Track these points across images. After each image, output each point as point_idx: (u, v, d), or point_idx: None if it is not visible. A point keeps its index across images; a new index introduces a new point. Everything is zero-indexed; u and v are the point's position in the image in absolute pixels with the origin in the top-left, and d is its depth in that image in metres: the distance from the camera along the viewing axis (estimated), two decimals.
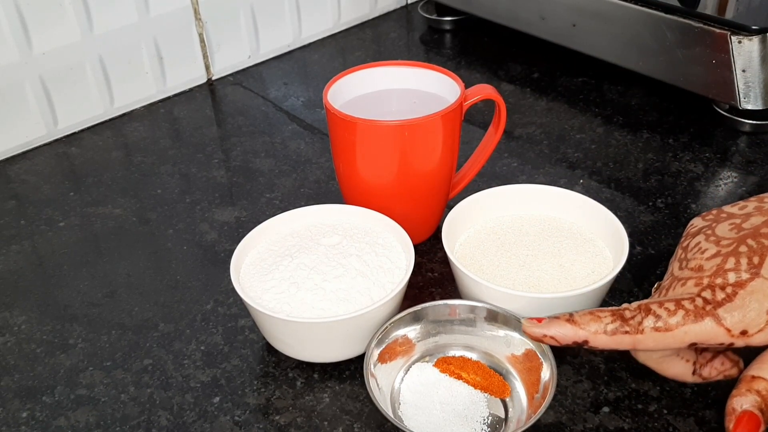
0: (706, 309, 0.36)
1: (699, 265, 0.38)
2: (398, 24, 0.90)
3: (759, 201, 0.41)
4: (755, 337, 0.35)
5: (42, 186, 0.64)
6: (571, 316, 0.37)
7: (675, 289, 0.38)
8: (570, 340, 0.37)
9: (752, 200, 0.41)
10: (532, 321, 0.38)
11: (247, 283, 0.46)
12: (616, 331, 0.36)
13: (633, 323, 0.36)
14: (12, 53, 0.64)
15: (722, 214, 0.41)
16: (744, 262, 0.36)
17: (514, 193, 0.52)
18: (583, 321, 0.37)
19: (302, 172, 0.64)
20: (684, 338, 0.36)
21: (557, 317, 0.38)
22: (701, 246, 0.39)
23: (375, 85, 0.55)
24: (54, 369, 0.47)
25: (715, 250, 0.38)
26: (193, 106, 0.75)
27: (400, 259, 0.47)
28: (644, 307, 0.37)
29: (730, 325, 0.35)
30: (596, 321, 0.37)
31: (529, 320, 0.38)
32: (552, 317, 0.38)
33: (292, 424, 0.43)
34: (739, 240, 0.38)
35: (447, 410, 0.42)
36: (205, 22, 0.76)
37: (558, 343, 0.38)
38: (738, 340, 0.35)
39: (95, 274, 0.54)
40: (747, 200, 0.42)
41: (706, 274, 0.37)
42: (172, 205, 0.61)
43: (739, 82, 0.62)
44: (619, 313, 0.37)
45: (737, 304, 0.35)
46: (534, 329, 0.38)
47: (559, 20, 0.73)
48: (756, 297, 0.35)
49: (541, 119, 0.70)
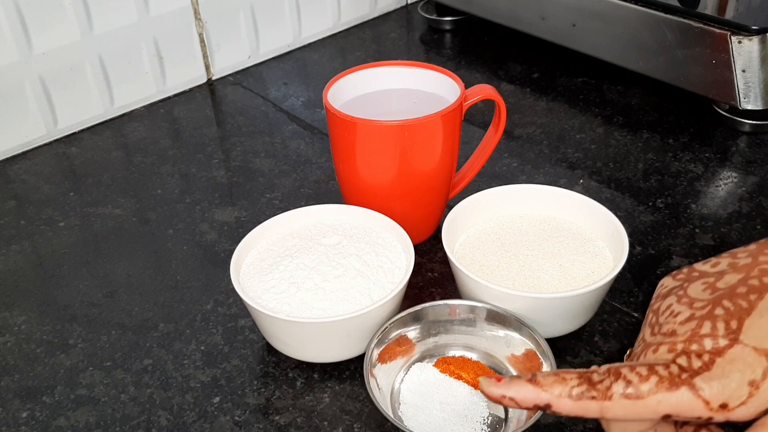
0: (682, 377, 0.32)
1: (672, 329, 0.35)
2: (398, 24, 0.90)
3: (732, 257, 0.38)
4: (736, 412, 0.31)
5: (42, 186, 0.64)
6: (534, 376, 0.34)
7: (647, 355, 0.35)
8: (531, 403, 0.34)
9: (724, 256, 0.38)
10: (491, 380, 0.34)
11: (247, 283, 0.46)
12: (582, 395, 0.33)
13: (601, 388, 0.33)
14: (12, 53, 0.64)
15: (694, 272, 0.38)
16: (721, 327, 0.33)
17: (514, 193, 0.52)
18: (547, 382, 0.33)
19: (302, 172, 0.64)
20: (657, 408, 0.32)
21: (519, 377, 0.34)
22: (673, 309, 0.36)
23: (375, 85, 0.55)
24: (54, 369, 0.47)
25: (688, 313, 0.35)
26: (193, 106, 0.75)
27: (400, 259, 0.47)
28: (614, 371, 0.33)
29: (709, 397, 0.31)
30: (561, 383, 0.33)
31: (487, 379, 0.35)
32: (513, 376, 0.34)
33: (292, 424, 0.43)
34: (714, 301, 0.35)
35: (447, 410, 0.42)
36: (205, 22, 0.76)
37: (518, 406, 0.34)
38: (717, 414, 0.32)
39: (95, 274, 0.54)
40: (719, 256, 0.39)
41: (680, 339, 0.34)
42: (172, 205, 0.61)
43: (739, 82, 0.62)
44: (586, 375, 0.33)
45: (716, 374, 0.32)
46: (492, 389, 0.34)
47: (559, 20, 0.73)
48: (736, 366, 0.32)
49: (541, 119, 0.70)
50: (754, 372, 0.31)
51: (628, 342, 0.46)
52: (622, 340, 0.47)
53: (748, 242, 0.54)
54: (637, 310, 0.49)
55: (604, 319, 0.48)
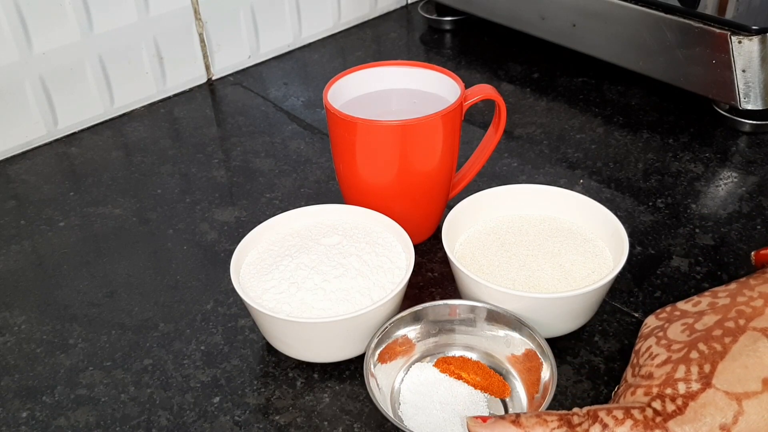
0: (656, 421, 0.33)
1: (649, 372, 0.36)
2: (398, 24, 0.90)
3: (713, 296, 0.39)
4: None
5: (42, 186, 0.64)
6: (518, 417, 0.35)
7: (626, 397, 0.36)
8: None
9: (706, 295, 0.39)
10: (477, 420, 0.36)
11: (247, 283, 0.46)
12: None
13: (579, 430, 0.34)
14: (12, 53, 0.64)
15: (675, 311, 0.39)
16: (695, 371, 0.34)
17: (514, 193, 0.52)
18: (529, 424, 0.35)
19: (302, 172, 0.64)
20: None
21: (503, 417, 0.36)
22: (652, 351, 0.37)
23: (375, 85, 0.55)
24: (54, 369, 0.47)
25: (665, 356, 0.36)
26: (193, 106, 0.75)
27: (400, 259, 0.47)
28: (592, 414, 0.35)
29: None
30: (542, 425, 0.35)
31: (474, 419, 0.36)
32: (498, 417, 0.36)
33: (292, 424, 0.43)
34: (690, 344, 0.36)
35: (447, 410, 0.42)
36: (205, 22, 0.76)
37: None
38: None
39: (95, 274, 0.54)
40: (701, 295, 0.39)
41: (656, 383, 0.35)
42: (172, 205, 0.61)
43: (739, 82, 0.62)
44: (566, 418, 0.35)
45: (688, 418, 0.33)
46: (478, 429, 0.36)
47: (559, 20, 0.73)
48: (708, 410, 0.33)
49: (541, 119, 0.70)
50: (725, 416, 0.32)
51: (628, 342, 0.46)
52: (622, 340, 0.47)
53: (749, 242, 0.54)
54: (637, 310, 0.49)
55: (604, 319, 0.48)
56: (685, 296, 0.49)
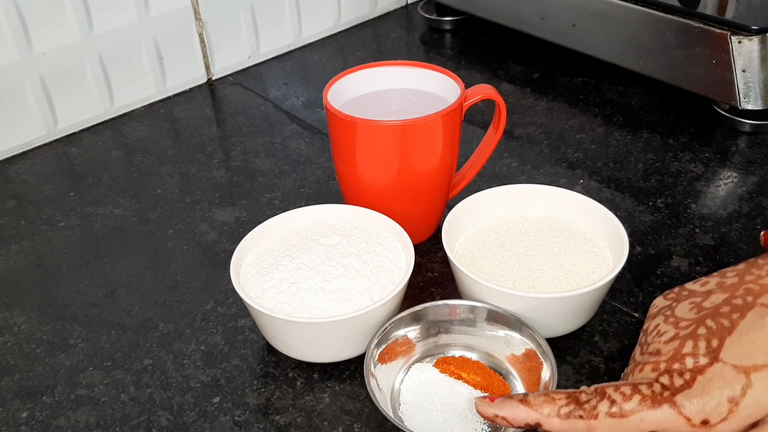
0: (664, 395, 0.34)
1: (657, 349, 0.36)
2: (398, 24, 0.90)
3: (721, 276, 0.39)
4: (718, 428, 0.33)
5: (42, 186, 0.64)
6: (526, 396, 0.36)
7: (634, 375, 0.36)
8: (522, 422, 0.36)
9: (715, 276, 0.39)
10: (485, 400, 0.37)
11: (247, 283, 0.46)
12: (570, 414, 0.35)
13: (587, 407, 0.35)
14: (12, 53, 0.64)
15: (684, 292, 0.39)
16: (702, 346, 0.34)
17: (514, 193, 0.52)
18: (537, 402, 0.35)
19: (302, 172, 0.64)
20: (641, 426, 0.34)
21: (511, 397, 0.36)
22: (660, 329, 0.37)
23: (375, 85, 0.55)
24: (54, 369, 0.47)
25: (673, 333, 0.36)
26: (193, 106, 0.75)
27: (400, 259, 0.47)
28: (600, 391, 0.35)
29: (690, 414, 0.33)
30: (550, 403, 0.35)
31: (482, 399, 0.37)
32: (506, 397, 0.37)
33: (292, 424, 0.43)
34: (698, 321, 0.36)
35: (447, 410, 0.42)
36: (205, 22, 0.76)
37: (511, 425, 0.36)
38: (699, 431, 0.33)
39: (95, 274, 0.54)
40: (710, 276, 0.40)
41: (663, 358, 0.35)
42: (172, 205, 0.61)
43: (739, 82, 0.62)
44: (574, 395, 0.36)
45: (696, 391, 0.33)
46: (486, 409, 0.37)
47: (559, 20, 0.73)
48: (716, 384, 0.33)
49: (541, 119, 0.70)
50: (734, 389, 0.32)
51: (628, 342, 0.46)
52: (622, 340, 0.47)
53: (749, 242, 0.54)
54: (637, 310, 0.49)
55: (604, 319, 0.48)
56: None
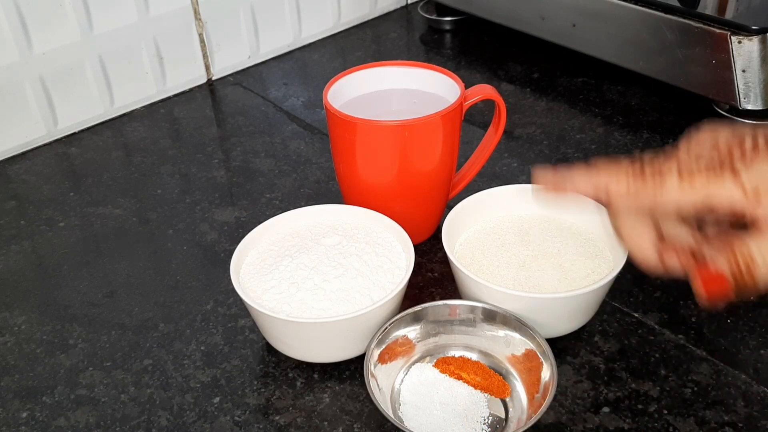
0: (724, 168, 0.35)
1: (713, 148, 0.37)
2: (398, 24, 0.90)
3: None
4: (764, 201, 0.34)
5: (42, 186, 0.64)
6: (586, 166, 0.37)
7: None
8: (591, 193, 0.38)
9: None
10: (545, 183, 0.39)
11: (247, 283, 0.46)
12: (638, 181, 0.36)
13: (655, 178, 0.36)
14: (12, 53, 0.64)
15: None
16: (762, 141, 0.35)
17: (514, 193, 0.52)
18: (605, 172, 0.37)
19: (302, 172, 0.64)
20: (705, 198, 0.35)
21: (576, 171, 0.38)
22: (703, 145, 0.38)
23: (375, 85, 0.55)
24: (54, 369, 0.47)
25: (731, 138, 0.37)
26: (193, 106, 0.75)
27: (400, 259, 0.47)
28: (664, 166, 0.36)
29: (746, 184, 0.34)
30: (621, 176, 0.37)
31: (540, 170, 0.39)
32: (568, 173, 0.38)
33: (292, 424, 0.43)
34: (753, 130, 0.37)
35: (447, 410, 0.42)
36: (205, 22, 0.76)
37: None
38: (750, 204, 0.34)
39: (95, 274, 0.54)
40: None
41: (724, 148, 0.36)
42: (172, 205, 0.61)
43: (739, 82, 0.62)
44: (639, 167, 0.37)
45: (756, 168, 0.34)
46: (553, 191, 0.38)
47: (559, 20, 0.73)
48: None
49: (541, 119, 0.70)
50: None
51: (628, 342, 0.46)
52: (622, 340, 0.47)
53: None
54: (637, 310, 0.49)
55: (604, 319, 0.48)
56: (685, 296, 0.49)
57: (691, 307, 0.49)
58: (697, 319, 0.48)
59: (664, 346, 0.46)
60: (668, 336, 0.47)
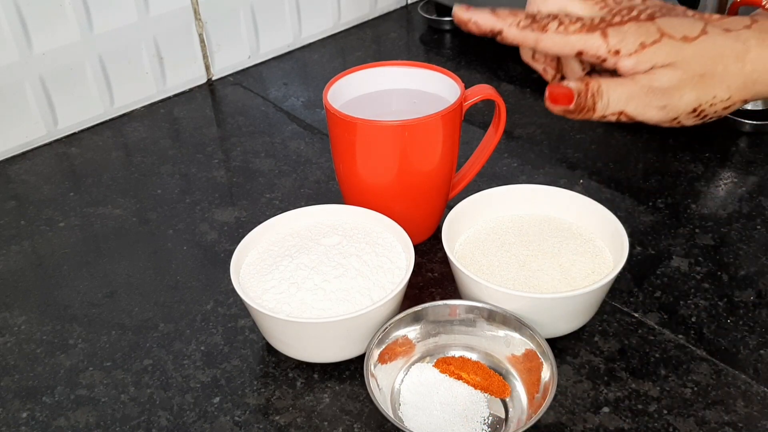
0: (600, 26, 0.41)
1: (631, 5, 0.43)
2: (398, 24, 0.90)
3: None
4: (623, 59, 0.41)
5: (42, 186, 0.64)
6: (494, 9, 0.43)
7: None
8: (488, 28, 0.43)
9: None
10: (462, 6, 0.43)
11: (247, 283, 0.46)
12: (526, 27, 0.42)
13: (540, 23, 0.42)
14: (12, 53, 0.64)
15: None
16: (648, 12, 0.42)
17: (514, 193, 0.52)
18: (503, 14, 0.42)
19: (302, 172, 0.64)
20: (575, 45, 0.42)
21: (483, 9, 0.43)
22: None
23: (375, 85, 0.55)
24: (54, 369, 0.47)
25: (641, 1, 0.43)
26: (193, 106, 0.75)
27: (400, 259, 0.47)
28: (553, 15, 0.42)
29: (610, 42, 0.41)
30: (512, 16, 0.42)
31: (459, 6, 0.43)
32: (479, 8, 0.43)
33: (292, 424, 0.43)
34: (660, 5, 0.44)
35: (447, 411, 0.42)
36: (205, 22, 0.76)
37: (478, 30, 0.43)
38: (611, 58, 0.41)
39: (95, 274, 0.54)
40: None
41: (624, 6, 0.43)
42: (172, 205, 0.61)
43: None
44: (532, 14, 0.43)
45: (623, 29, 0.41)
46: (462, 13, 0.43)
47: None
48: (640, 31, 0.41)
49: (541, 119, 0.70)
50: (648, 38, 0.41)
51: (628, 342, 0.46)
52: (622, 340, 0.47)
53: (749, 242, 0.54)
54: (637, 310, 0.49)
55: (604, 319, 0.48)
56: (685, 296, 0.49)
57: (691, 307, 0.49)
58: (697, 319, 0.48)
59: (664, 346, 0.46)
60: (668, 336, 0.47)
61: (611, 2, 0.44)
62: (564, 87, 0.42)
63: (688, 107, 0.43)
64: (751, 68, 0.43)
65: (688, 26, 0.42)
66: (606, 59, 0.42)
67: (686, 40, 0.42)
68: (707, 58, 0.42)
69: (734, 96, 0.43)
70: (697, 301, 0.49)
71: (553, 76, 0.49)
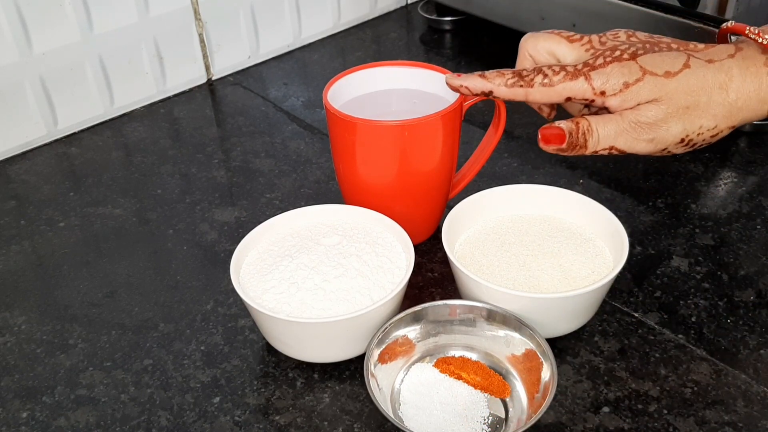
0: (583, 71, 0.44)
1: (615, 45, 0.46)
2: (398, 24, 0.90)
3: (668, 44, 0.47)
4: (609, 99, 0.44)
5: (42, 186, 0.64)
6: (483, 73, 0.46)
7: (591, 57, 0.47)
8: (479, 90, 0.46)
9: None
10: (453, 74, 0.47)
11: (247, 283, 0.46)
12: (514, 84, 0.45)
13: (527, 79, 0.45)
14: (12, 53, 0.64)
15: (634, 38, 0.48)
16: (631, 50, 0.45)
17: (514, 193, 0.52)
18: (491, 76, 0.46)
19: (302, 172, 0.64)
20: (562, 92, 0.45)
21: (473, 73, 0.47)
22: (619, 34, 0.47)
23: (375, 85, 0.55)
24: (54, 369, 0.47)
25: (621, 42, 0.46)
26: (193, 106, 0.75)
27: (400, 259, 0.47)
28: (537, 69, 0.45)
29: (595, 85, 0.44)
30: (500, 76, 0.46)
31: (451, 75, 0.47)
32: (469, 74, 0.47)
33: (292, 424, 0.43)
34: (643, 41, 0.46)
35: (447, 410, 0.42)
36: (205, 22, 0.76)
37: (471, 93, 0.47)
38: (598, 98, 0.44)
39: (95, 274, 0.54)
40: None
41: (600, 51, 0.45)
42: (172, 205, 0.61)
43: None
44: (519, 72, 0.45)
45: (606, 71, 0.44)
46: (454, 80, 0.47)
47: (559, 20, 0.73)
48: (622, 71, 0.44)
49: (541, 119, 0.69)
50: (631, 77, 0.44)
51: (628, 342, 0.46)
52: (622, 340, 0.47)
53: (749, 242, 0.55)
54: (637, 310, 0.49)
55: (604, 319, 0.48)
56: (685, 296, 0.49)
57: (691, 307, 0.49)
58: (697, 319, 0.48)
59: (664, 346, 0.46)
60: (668, 336, 0.47)
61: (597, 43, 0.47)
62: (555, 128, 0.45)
63: (676, 138, 0.45)
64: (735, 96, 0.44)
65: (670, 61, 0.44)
66: (594, 100, 0.45)
67: (668, 75, 0.44)
68: (690, 90, 0.44)
69: (720, 124, 0.45)
70: (697, 300, 0.49)
71: (548, 113, 0.53)
